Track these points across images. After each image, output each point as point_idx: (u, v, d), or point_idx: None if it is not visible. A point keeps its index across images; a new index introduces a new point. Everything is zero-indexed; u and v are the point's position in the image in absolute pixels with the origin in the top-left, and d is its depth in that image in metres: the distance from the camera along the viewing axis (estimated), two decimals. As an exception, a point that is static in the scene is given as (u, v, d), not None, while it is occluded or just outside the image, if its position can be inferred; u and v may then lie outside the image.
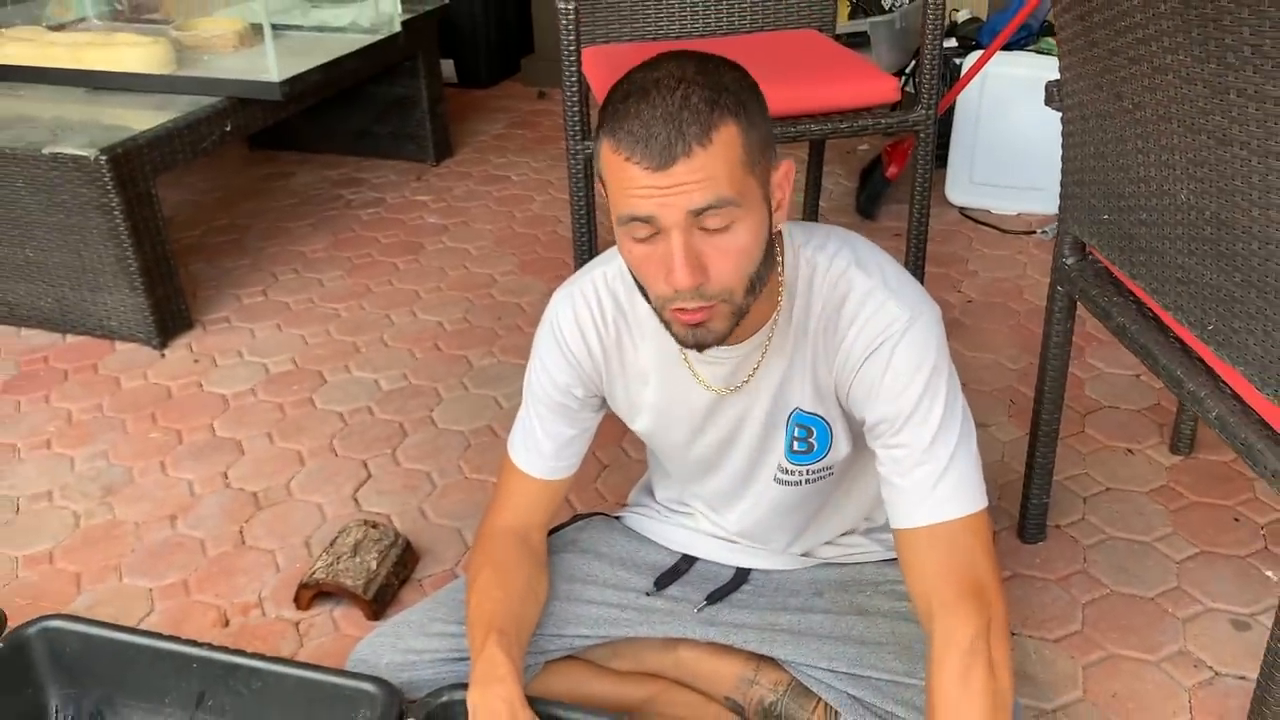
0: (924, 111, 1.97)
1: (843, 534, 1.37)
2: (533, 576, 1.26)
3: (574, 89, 1.95)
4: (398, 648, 1.28)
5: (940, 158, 2.92)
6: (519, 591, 1.23)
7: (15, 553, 1.74)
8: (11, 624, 1.42)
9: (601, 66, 2.19)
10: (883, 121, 1.95)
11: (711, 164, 0.96)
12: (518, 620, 1.19)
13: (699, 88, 0.97)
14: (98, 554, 1.73)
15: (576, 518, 1.47)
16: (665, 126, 0.95)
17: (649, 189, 0.96)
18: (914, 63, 3.21)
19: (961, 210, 2.91)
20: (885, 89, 1.95)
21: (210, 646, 1.32)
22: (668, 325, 1.06)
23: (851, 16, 3.48)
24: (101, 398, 2.16)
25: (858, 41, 3.22)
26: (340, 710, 1.24)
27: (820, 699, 1.25)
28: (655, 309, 1.06)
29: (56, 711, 1.36)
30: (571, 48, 1.92)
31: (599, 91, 2.10)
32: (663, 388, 1.22)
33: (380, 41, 2.92)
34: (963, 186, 2.93)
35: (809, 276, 1.13)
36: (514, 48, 4.11)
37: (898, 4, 3.49)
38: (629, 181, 0.97)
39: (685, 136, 0.95)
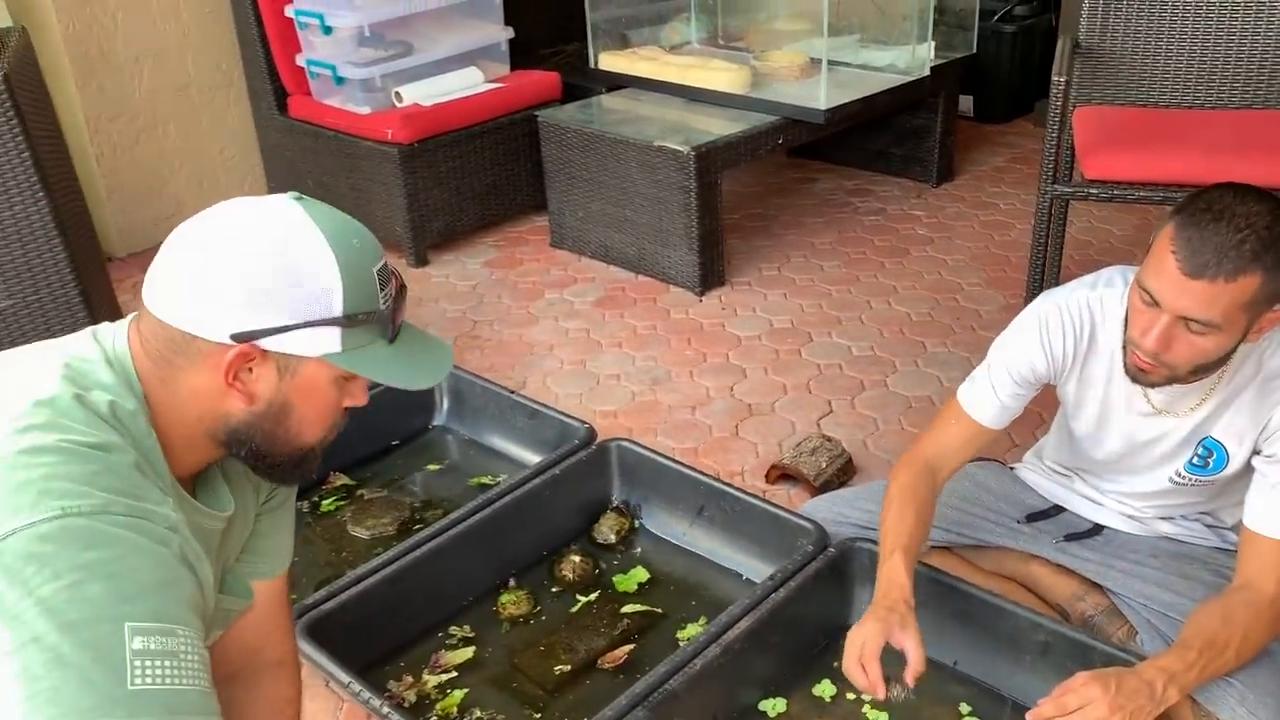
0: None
1: (1184, 517, 1.74)
2: (926, 507, 1.64)
3: (1054, 143, 2.40)
4: (832, 510, 1.90)
5: None
6: (922, 519, 1.62)
7: (595, 407, 2.60)
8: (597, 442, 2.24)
9: (1091, 126, 2.59)
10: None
11: (1221, 296, 1.27)
12: (915, 540, 1.60)
13: (1257, 238, 1.25)
14: (644, 419, 2.54)
15: (979, 458, 1.97)
16: (1213, 255, 1.26)
17: (1171, 283, 1.30)
18: None
19: None
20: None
21: (723, 481, 2.03)
22: (1124, 354, 1.44)
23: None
24: (656, 321, 3.01)
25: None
26: (788, 536, 1.88)
27: (1128, 622, 1.67)
28: (1124, 339, 1.44)
29: (614, 496, 2.15)
30: (1057, 111, 2.38)
31: (1083, 148, 2.50)
32: (1110, 389, 1.57)
33: (911, 82, 3.50)
34: None
35: (1260, 356, 1.47)
36: (1031, 90, 4.49)
37: None
38: (1163, 267, 1.31)
39: (1220, 270, 1.26)
